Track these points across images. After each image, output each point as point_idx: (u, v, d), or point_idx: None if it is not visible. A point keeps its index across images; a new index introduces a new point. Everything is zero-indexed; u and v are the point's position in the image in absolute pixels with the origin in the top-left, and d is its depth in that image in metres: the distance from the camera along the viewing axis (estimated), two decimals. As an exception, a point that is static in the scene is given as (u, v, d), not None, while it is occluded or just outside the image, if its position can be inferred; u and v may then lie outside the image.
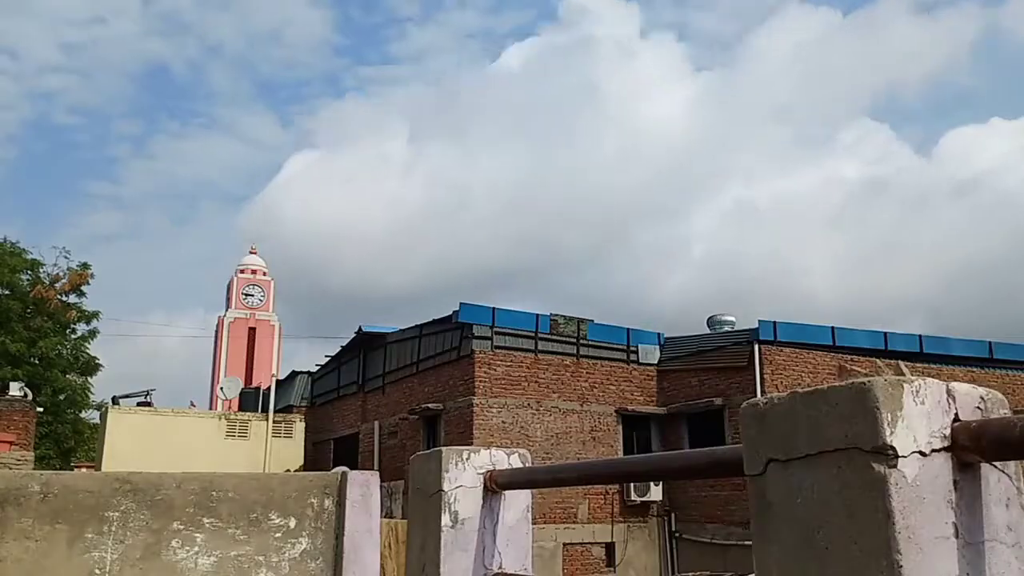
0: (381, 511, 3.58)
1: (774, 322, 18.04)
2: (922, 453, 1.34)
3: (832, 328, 18.95)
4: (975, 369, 19.79)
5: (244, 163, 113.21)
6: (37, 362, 29.14)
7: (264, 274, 52.83)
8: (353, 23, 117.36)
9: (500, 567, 2.83)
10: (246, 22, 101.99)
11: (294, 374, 27.00)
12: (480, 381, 17.39)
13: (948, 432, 1.38)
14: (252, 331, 50.16)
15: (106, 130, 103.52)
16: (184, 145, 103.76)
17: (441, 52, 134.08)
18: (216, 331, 51.08)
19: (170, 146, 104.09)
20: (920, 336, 19.93)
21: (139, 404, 23.33)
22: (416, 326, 20.37)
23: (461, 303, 18.24)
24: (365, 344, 22.66)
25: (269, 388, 24.71)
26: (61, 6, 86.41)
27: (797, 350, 18.02)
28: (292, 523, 3.27)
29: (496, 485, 2.85)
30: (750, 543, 1.59)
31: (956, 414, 1.40)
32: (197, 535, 3.09)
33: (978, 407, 1.43)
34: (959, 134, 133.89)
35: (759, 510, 1.54)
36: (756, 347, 17.48)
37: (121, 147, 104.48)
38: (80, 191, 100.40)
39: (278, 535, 3.24)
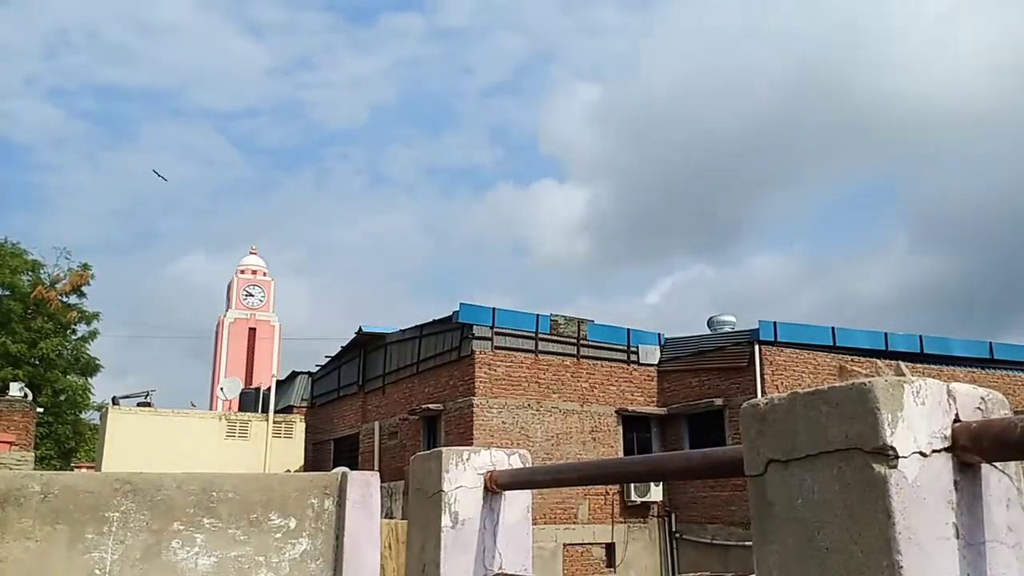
0: (381, 511, 3.58)
1: (774, 322, 18.04)
2: (922, 454, 1.34)
3: (832, 328, 18.95)
4: (975, 370, 19.79)
5: (204, 181, 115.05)
6: (38, 363, 29.14)
7: (264, 274, 52.82)
8: (283, 52, 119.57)
9: (500, 568, 2.83)
10: (190, 54, 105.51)
11: (294, 374, 27.00)
12: (480, 381, 17.38)
13: (949, 432, 1.38)
14: (252, 331, 50.15)
15: (65, 150, 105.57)
16: (140, 164, 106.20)
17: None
18: (216, 332, 51.09)
19: (127, 165, 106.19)
20: (920, 336, 19.93)
21: (139, 405, 23.33)
22: (416, 326, 20.38)
23: (461, 303, 18.26)
24: (365, 344, 22.66)
25: (269, 388, 24.71)
26: (18, 41, 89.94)
27: (797, 350, 18.01)
28: (292, 523, 3.27)
29: (496, 485, 2.85)
30: (751, 543, 1.59)
31: (957, 414, 1.40)
32: (197, 535, 3.09)
33: (979, 407, 1.43)
34: None
35: (760, 511, 1.54)
36: (756, 347, 17.47)
37: (80, 167, 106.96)
38: (43, 207, 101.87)
39: (278, 535, 3.24)
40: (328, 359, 25.11)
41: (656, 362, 19.70)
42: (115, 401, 23.45)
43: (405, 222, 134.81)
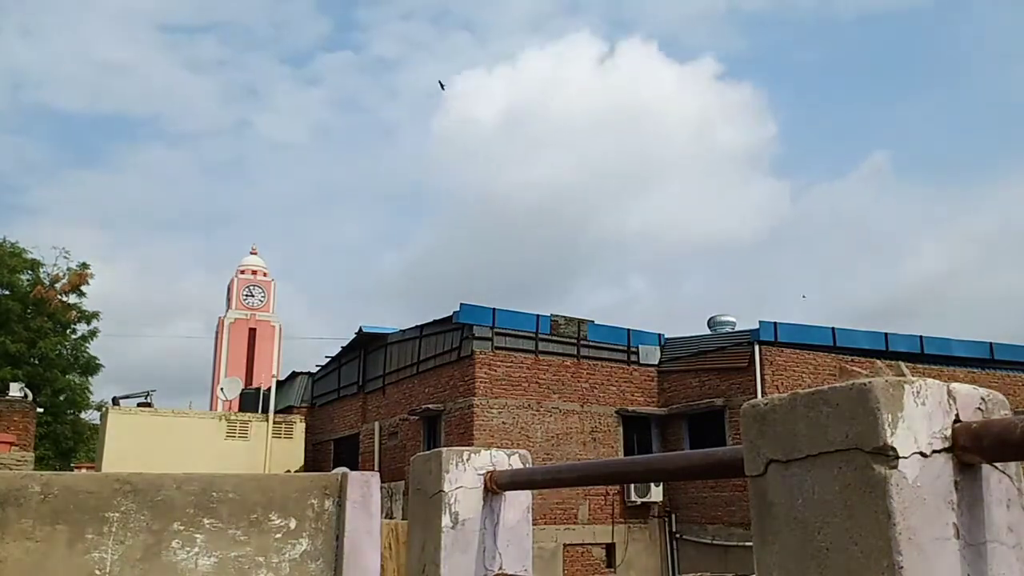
0: (381, 512, 3.58)
1: (774, 323, 18.05)
2: (923, 454, 1.34)
3: (832, 329, 18.95)
4: (976, 370, 19.78)
5: (171, 199, 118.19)
6: (37, 362, 29.13)
7: (264, 275, 52.81)
8: (236, 86, 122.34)
9: (500, 568, 2.83)
10: (147, 86, 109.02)
11: (294, 374, 27.00)
12: (480, 382, 17.38)
13: (949, 433, 1.38)
14: (252, 332, 50.16)
15: (37, 173, 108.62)
16: (108, 186, 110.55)
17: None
18: (216, 332, 51.08)
19: (96, 187, 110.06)
20: (921, 337, 19.93)
21: (139, 405, 23.34)
22: (416, 327, 20.38)
23: (461, 303, 18.26)
24: (365, 345, 22.67)
25: (269, 389, 24.72)
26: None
27: (797, 351, 18.02)
28: (292, 524, 3.27)
29: (496, 486, 2.85)
30: (751, 544, 1.59)
31: (957, 415, 1.40)
32: (197, 536, 3.08)
33: (979, 408, 1.43)
34: None
35: (760, 511, 1.54)
36: (756, 348, 17.48)
37: (52, 189, 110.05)
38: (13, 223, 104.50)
39: (278, 536, 3.24)
40: (328, 359, 25.12)
41: (656, 362, 19.70)
42: (115, 401, 23.46)
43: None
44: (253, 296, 51.54)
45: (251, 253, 53.46)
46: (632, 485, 17.38)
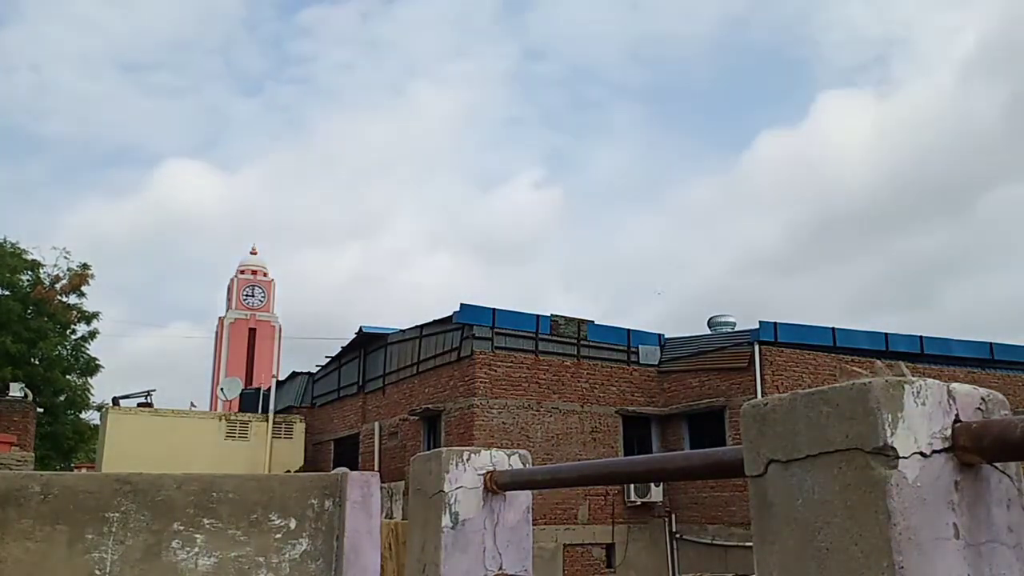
0: (381, 511, 3.58)
1: (774, 323, 18.05)
2: (923, 454, 1.34)
3: (832, 329, 18.95)
4: (976, 370, 19.78)
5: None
6: (37, 363, 29.11)
7: (265, 275, 52.79)
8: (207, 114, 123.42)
9: (500, 568, 2.83)
10: (127, 109, 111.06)
11: (294, 374, 27.00)
12: (480, 382, 17.38)
13: (949, 433, 1.38)
14: (252, 332, 50.14)
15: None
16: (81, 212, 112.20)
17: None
18: (216, 332, 51.06)
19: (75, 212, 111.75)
20: (921, 337, 19.93)
21: (139, 405, 23.34)
22: (416, 327, 20.39)
23: (461, 304, 18.27)
24: (365, 344, 22.67)
25: (269, 389, 24.72)
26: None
27: (797, 351, 18.02)
28: (292, 524, 3.27)
29: (496, 486, 2.84)
30: (751, 544, 1.59)
31: (957, 415, 1.40)
32: (197, 536, 3.08)
33: (979, 408, 1.42)
34: None
35: (760, 511, 1.54)
36: (756, 348, 17.47)
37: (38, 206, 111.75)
38: None
39: (278, 536, 3.24)
40: (328, 359, 25.11)
41: (656, 362, 19.70)
42: (115, 401, 23.46)
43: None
44: (253, 296, 51.54)
45: (251, 253, 53.46)
46: (632, 485, 17.37)
